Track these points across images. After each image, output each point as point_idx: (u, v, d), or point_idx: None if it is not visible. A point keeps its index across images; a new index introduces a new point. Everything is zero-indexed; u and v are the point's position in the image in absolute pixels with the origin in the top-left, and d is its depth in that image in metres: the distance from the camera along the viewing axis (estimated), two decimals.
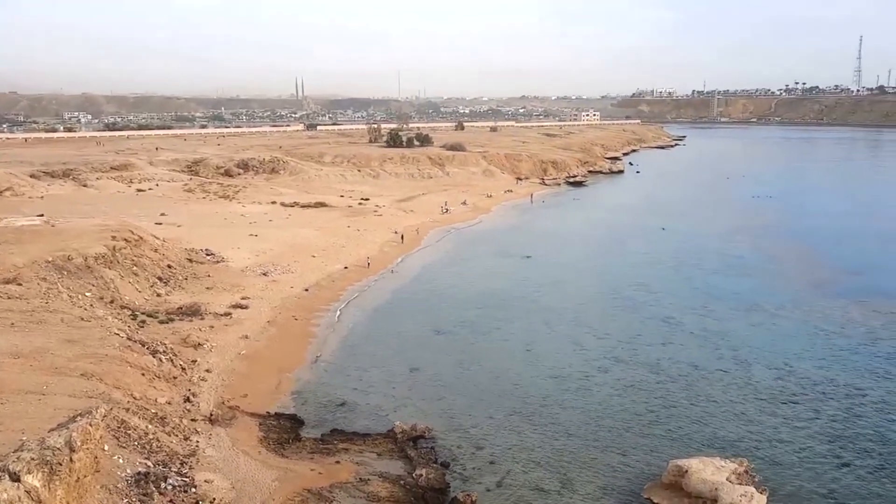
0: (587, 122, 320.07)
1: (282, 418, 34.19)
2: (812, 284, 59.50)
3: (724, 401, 36.90)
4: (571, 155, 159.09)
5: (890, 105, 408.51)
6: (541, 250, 73.89)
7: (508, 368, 41.71)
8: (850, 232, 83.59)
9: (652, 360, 42.76)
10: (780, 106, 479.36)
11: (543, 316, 51.68)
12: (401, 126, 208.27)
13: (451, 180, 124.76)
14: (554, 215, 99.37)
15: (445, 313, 52.45)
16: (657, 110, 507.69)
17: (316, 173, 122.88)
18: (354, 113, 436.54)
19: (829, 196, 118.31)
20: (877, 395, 37.42)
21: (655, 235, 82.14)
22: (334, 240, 72.18)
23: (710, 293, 57.32)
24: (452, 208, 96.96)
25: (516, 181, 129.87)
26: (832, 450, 31.67)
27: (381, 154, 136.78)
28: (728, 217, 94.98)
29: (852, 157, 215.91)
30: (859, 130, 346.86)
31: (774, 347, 44.53)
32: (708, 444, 32.03)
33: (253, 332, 45.29)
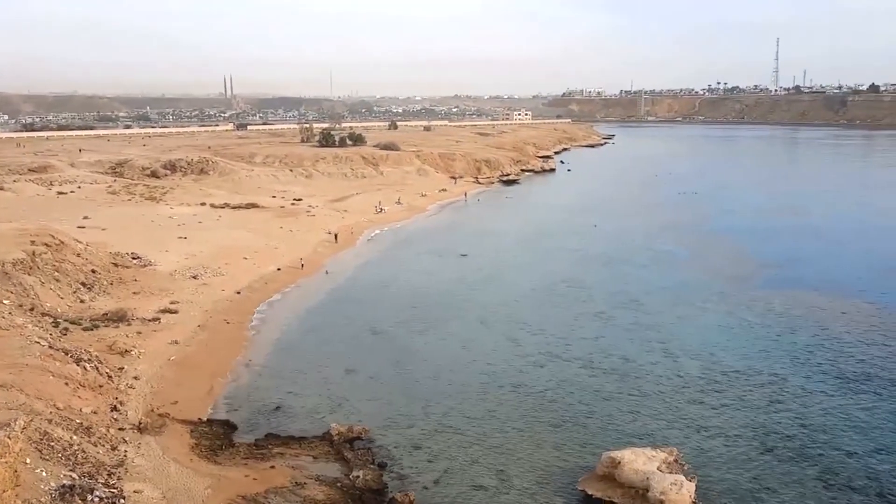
0: (519, 121, 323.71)
1: (214, 424, 33.42)
2: (736, 278, 61.62)
3: (655, 392, 37.88)
4: (504, 154, 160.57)
5: (805, 104, 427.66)
6: (476, 249, 74.36)
7: (445, 367, 41.81)
8: (771, 226, 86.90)
9: (585, 354, 43.55)
10: (703, 105, 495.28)
11: (479, 314, 52.02)
12: (333, 125, 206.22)
13: (385, 180, 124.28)
14: (488, 214, 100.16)
15: (381, 313, 52.22)
16: (587, 109, 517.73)
17: (247, 174, 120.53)
18: (286, 112, 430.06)
19: (750, 192, 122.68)
20: (797, 382, 39.02)
21: (587, 232, 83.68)
22: (267, 241, 70.98)
23: (641, 288, 58.74)
24: (387, 208, 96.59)
25: (450, 180, 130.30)
26: (756, 436, 32.87)
27: (313, 154, 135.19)
28: (656, 213, 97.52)
29: (771, 154, 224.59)
30: (777, 128, 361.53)
31: (701, 339, 45.97)
32: (640, 435, 32.81)
33: (183, 336, 44.11)
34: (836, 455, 31.06)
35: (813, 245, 75.51)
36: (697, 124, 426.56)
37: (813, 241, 77.68)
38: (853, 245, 75.52)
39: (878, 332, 46.91)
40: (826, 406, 35.99)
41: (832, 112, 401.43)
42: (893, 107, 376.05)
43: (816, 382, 38.94)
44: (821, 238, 79.11)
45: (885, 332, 46.86)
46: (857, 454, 31.12)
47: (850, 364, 41.51)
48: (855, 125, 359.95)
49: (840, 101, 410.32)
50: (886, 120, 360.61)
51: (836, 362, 41.80)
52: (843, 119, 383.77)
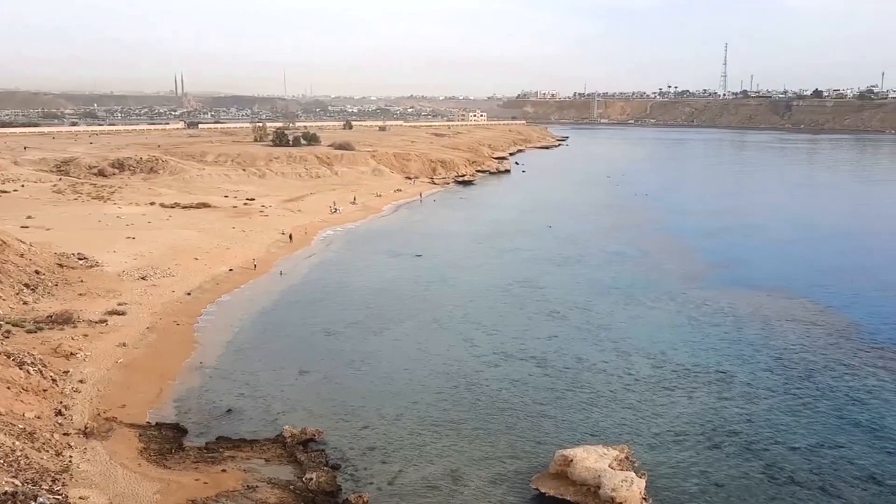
0: (474, 122, 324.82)
1: (163, 428, 32.79)
2: (685, 277, 62.89)
3: (607, 391, 38.44)
4: (460, 154, 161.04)
5: (752, 108, 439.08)
6: (431, 249, 74.42)
7: (400, 367, 41.75)
8: (719, 227, 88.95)
9: (539, 353, 43.95)
10: (655, 108, 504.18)
11: (434, 314, 52.07)
12: (287, 125, 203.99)
13: (339, 180, 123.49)
14: (443, 214, 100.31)
15: (335, 314, 51.88)
16: (541, 111, 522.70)
17: (198, 173, 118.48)
18: (239, 111, 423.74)
19: (699, 194, 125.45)
20: (743, 379, 40.03)
21: (542, 233, 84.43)
22: (218, 241, 69.87)
23: (593, 288, 59.54)
24: (342, 208, 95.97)
25: (406, 180, 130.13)
26: (704, 432, 33.61)
27: (266, 153, 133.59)
28: (609, 214, 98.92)
29: (720, 157, 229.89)
30: (726, 131, 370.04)
31: (652, 338, 46.80)
32: (592, 432, 33.26)
33: (131, 339, 43.16)
34: (779, 450, 31.94)
35: (759, 245, 77.53)
36: (649, 127, 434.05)
37: (760, 241, 79.75)
38: (798, 245, 77.79)
39: (820, 330, 48.40)
40: (770, 402, 36.99)
41: (778, 116, 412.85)
42: (836, 112, 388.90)
43: (761, 379, 40.00)
44: (767, 238, 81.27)
45: (826, 330, 48.38)
46: (799, 449, 32.05)
47: (793, 361, 42.72)
48: (800, 129, 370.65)
49: (785, 106, 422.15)
50: (829, 124, 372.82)
51: (780, 360, 43.00)
52: (788, 123, 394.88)
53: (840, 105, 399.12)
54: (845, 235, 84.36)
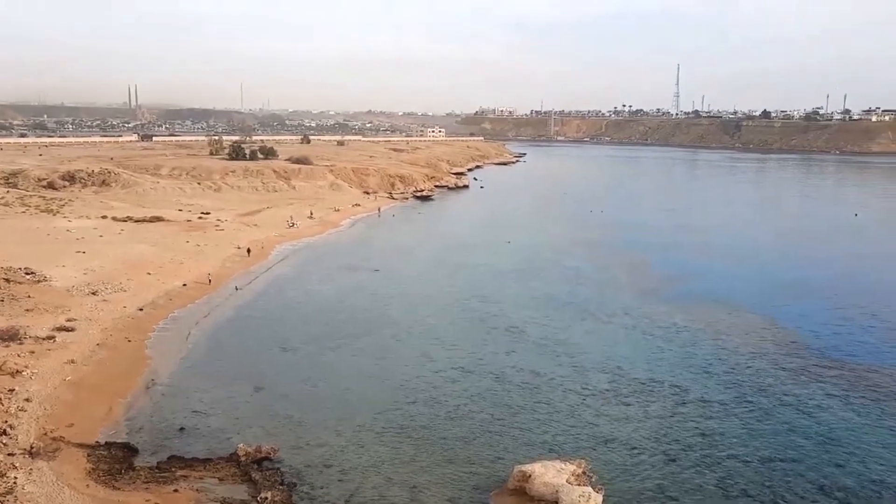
0: (433, 137, 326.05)
1: (113, 447, 31.88)
2: (640, 292, 63.80)
3: (564, 405, 38.67)
4: (418, 170, 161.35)
5: (704, 128, 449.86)
6: (389, 264, 74.20)
7: (357, 383, 41.40)
8: (673, 243, 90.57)
9: (497, 369, 44.03)
10: (610, 126, 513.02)
11: (392, 329, 51.83)
12: (244, 138, 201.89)
13: (297, 194, 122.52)
14: (402, 229, 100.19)
15: (292, 329, 51.29)
16: (499, 128, 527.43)
17: (152, 186, 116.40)
18: (194, 124, 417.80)
19: (653, 210, 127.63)
20: (697, 393, 40.68)
21: (500, 248, 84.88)
22: (172, 256, 68.60)
23: (551, 303, 60.01)
24: (299, 222, 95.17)
25: (364, 195, 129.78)
26: (660, 446, 34.01)
27: (222, 167, 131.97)
28: (567, 230, 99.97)
29: (673, 175, 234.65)
30: (678, 150, 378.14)
31: (608, 352, 47.30)
32: (550, 448, 33.38)
33: (80, 356, 41.97)
34: (733, 463, 32.47)
35: (712, 261, 79.11)
36: (604, 144, 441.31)
37: (712, 257, 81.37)
38: (748, 261, 79.55)
39: (770, 344, 49.53)
40: (723, 416, 37.64)
41: (728, 136, 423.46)
42: (783, 132, 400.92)
43: (714, 393, 40.70)
44: (719, 255, 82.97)
45: (776, 344, 49.53)
46: (752, 462, 32.63)
47: (745, 375, 43.60)
48: (749, 149, 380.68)
49: (735, 126, 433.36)
50: (777, 144, 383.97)
51: (733, 373, 43.84)
52: (738, 143, 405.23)
53: (787, 126, 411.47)
54: (794, 251, 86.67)
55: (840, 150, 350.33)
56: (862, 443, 34.69)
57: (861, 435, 35.56)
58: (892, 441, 34.94)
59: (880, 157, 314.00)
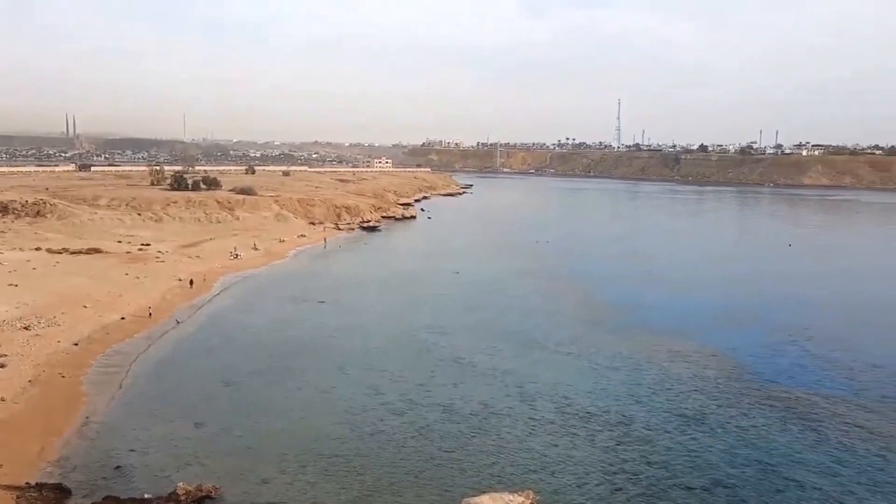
0: (380, 168, 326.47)
1: (44, 489, 30.44)
2: (587, 322, 64.57)
3: (512, 436, 38.63)
4: (365, 201, 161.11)
5: (645, 160, 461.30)
6: (335, 295, 73.50)
7: (302, 417, 40.64)
8: (618, 274, 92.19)
9: (445, 400, 43.81)
10: (554, 159, 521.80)
11: (338, 361, 51.18)
12: (186, 168, 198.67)
13: (241, 225, 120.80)
14: (348, 260, 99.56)
15: (235, 363, 50.16)
16: (446, 159, 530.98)
17: (89, 217, 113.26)
18: (135, 154, 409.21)
19: (598, 241, 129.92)
20: (642, 421, 41.14)
21: (448, 279, 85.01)
22: (110, 288, 66.63)
23: (498, 333, 60.19)
24: (243, 253, 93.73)
25: (310, 226, 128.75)
26: (606, 475, 34.19)
27: (164, 197, 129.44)
28: (513, 260, 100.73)
29: (616, 206, 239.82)
30: (621, 182, 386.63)
31: (555, 382, 47.53)
32: (498, 479, 33.20)
33: (10, 393, 40.18)
34: (677, 491, 32.82)
35: (656, 291, 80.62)
36: (549, 176, 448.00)
37: (656, 287, 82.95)
38: (690, 291, 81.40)
39: (711, 372, 50.52)
40: (668, 444, 38.10)
41: (668, 169, 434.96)
42: (720, 165, 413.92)
43: (659, 421, 41.21)
44: (663, 284, 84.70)
45: (716, 372, 50.55)
46: (695, 489, 33.05)
47: (687, 403, 44.31)
48: (688, 181, 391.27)
49: (674, 159, 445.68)
50: (714, 177, 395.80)
51: (676, 401, 44.53)
52: (677, 175, 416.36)
53: (723, 159, 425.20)
54: (733, 281, 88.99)
55: (773, 182, 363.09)
56: (800, 468, 35.49)
57: (799, 460, 36.39)
58: (827, 465, 35.86)
59: (810, 190, 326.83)
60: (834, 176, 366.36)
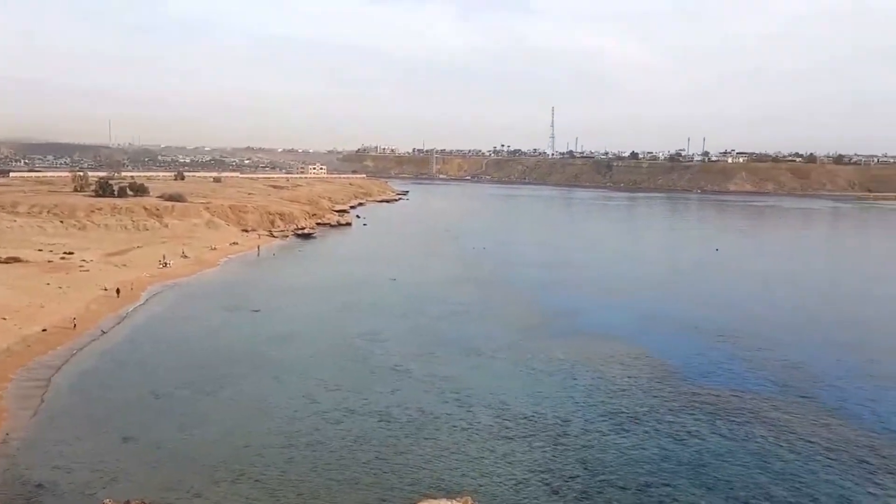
0: (314, 174, 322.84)
1: None
2: (523, 328, 65.15)
3: (450, 442, 38.57)
4: (299, 207, 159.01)
5: (578, 167, 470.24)
6: (269, 304, 72.17)
7: (236, 428, 39.66)
8: (553, 279, 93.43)
9: (382, 408, 43.46)
10: (490, 165, 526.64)
11: (273, 371, 50.21)
12: (112, 174, 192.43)
13: (170, 232, 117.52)
14: (283, 268, 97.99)
15: (165, 375, 48.63)
16: (381, 166, 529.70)
17: (8, 225, 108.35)
18: (56, 159, 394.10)
19: (534, 247, 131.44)
20: (578, 424, 41.70)
21: (385, 286, 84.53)
22: (31, 299, 63.75)
23: (435, 340, 60.15)
24: (172, 262, 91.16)
25: (243, 233, 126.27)
26: (544, 479, 34.48)
27: (88, 204, 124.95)
28: (450, 267, 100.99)
29: (551, 212, 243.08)
30: (555, 188, 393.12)
31: (492, 388, 47.76)
32: (436, 485, 33.07)
33: None
34: (613, 492, 33.35)
35: (590, 296, 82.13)
36: (485, 183, 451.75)
37: (590, 292, 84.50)
38: (623, 295, 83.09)
39: (644, 374, 51.67)
40: (603, 445, 38.73)
41: (601, 175, 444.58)
42: (650, 172, 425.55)
43: (594, 423, 41.87)
44: (596, 289, 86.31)
45: (649, 375, 51.73)
46: (629, 489, 33.66)
47: (621, 405, 45.15)
48: (619, 187, 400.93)
49: (607, 166, 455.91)
50: (645, 184, 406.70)
51: (610, 403, 45.32)
52: (609, 182, 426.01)
53: (654, 166, 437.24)
54: (664, 285, 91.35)
55: (701, 189, 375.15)
56: (728, 465, 36.59)
57: (727, 458, 37.52)
58: (754, 462, 37.07)
59: (736, 196, 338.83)
60: (757, 182, 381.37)
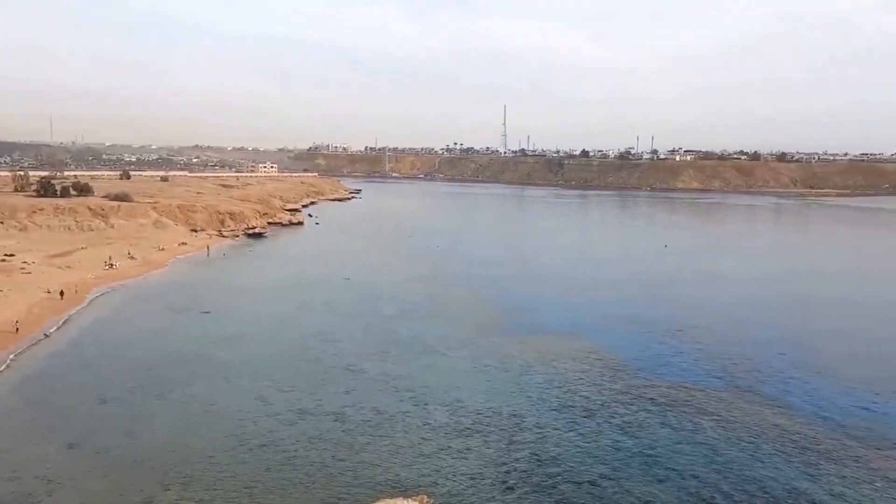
0: (265, 173, 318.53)
1: None
2: (477, 325, 65.34)
3: (406, 441, 38.48)
4: (250, 206, 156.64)
5: (530, 166, 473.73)
6: (220, 305, 70.94)
7: (186, 432, 38.89)
8: (506, 277, 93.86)
9: (336, 408, 43.13)
10: (443, 164, 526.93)
11: (224, 373, 49.38)
12: (54, 174, 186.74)
13: (116, 233, 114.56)
14: (234, 268, 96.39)
15: (112, 378, 47.40)
16: (333, 164, 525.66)
17: None
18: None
19: (487, 246, 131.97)
20: (532, 420, 42.03)
21: (338, 285, 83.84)
22: None
23: (390, 339, 59.92)
24: (119, 263, 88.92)
25: (192, 233, 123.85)
26: (499, 475, 34.67)
27: (29, 204, 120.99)
28: (404, 266, 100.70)
29: (504, 211, 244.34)
30: (508, 187, 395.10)
31: (447, 385, 47.82)
32: (392, 484, 32.97)
33: None
34: (567, 486, 33.73)
35: (543, 293, 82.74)
36: (438, 181, 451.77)
37: (543, 289, 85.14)
38: (575, 292, 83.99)
39: (595, 369, 52.33)
40: (557, 440, 39.13)
41: (552, 174, 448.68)
42: (601, 170, 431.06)
43: (548, 419, 42.27)
44: (549, 286, 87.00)
45: (601, 370, 52.43)
46: (583, 483, 34.11)
47: (575, 400, 45.69)
48: (571, 185, 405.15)
49: (558, 164, 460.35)
50: (595, 181, 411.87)
51: (564, 399, 45.82)
52: (561, 180, 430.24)
53: (604, 165, 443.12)
54: (614, 281, 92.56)
55: (650, 186, 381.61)
56: (677, 457, 37.36)
57: (676, 450, 38.28)
58: (703, 453, 37.92)
59: (683, 193, 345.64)
60: (704, 180, 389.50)
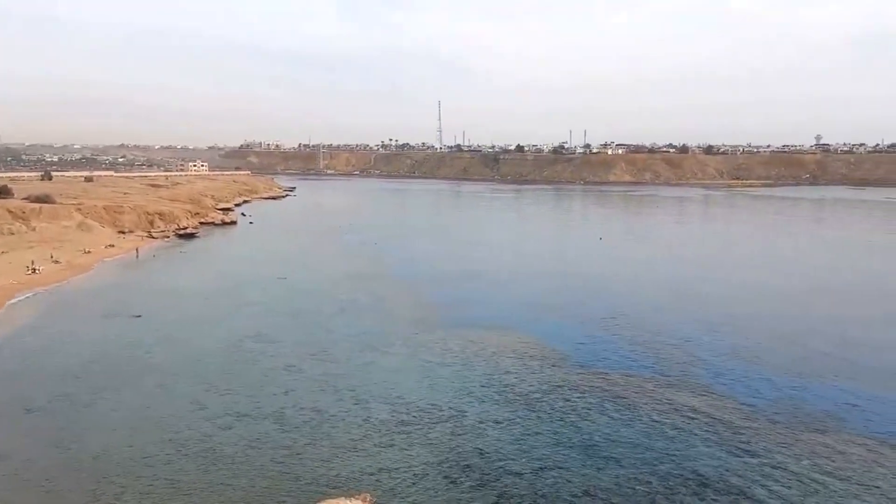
0: (195, 172, 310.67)
1: None
2: (417, 321, 65.23)
3: (347, 440, 38.13)
4: (180, 206, 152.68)
5: (467, 161, 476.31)
6: (152, 308, 68.87)
7: (118, 440, 37.59)
8: (444, 272, 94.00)
9: (276, 410, 42.41)
10: (378, 160, 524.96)
11: (157, 378, 47.95)
12: None
13: (38, 236, 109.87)
14: (164, 270, 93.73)
15: (37, 387, 45.46)
16: (266, 162, 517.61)
17: None
18: None
19: (424, 241, 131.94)
20: (474, 414, 42.21)
21: (274, 285, 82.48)
22: None
23: (328, 338, 59.27)
24: (42, 267, 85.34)
25: (119, 235, 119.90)
26: (441, 470, 34.68)
27: None
28: (341, 264, 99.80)
29: (440, 206, 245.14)
30: (444, 182, 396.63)
31: (387, 382, 47.59)
32: (333, 485, 32.62)
33: None
34: (509, 478, 33.99)
35: (481, 288, 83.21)
36: (374, 178, 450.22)
37: (480, 284, 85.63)
38: (512, 286, 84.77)
39: (535, 361, 52.91)
40: (498, 433, 39.38)
41: (488, 168, 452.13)
42: (536, 165, 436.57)
43: (489, 412, 42.51)
44: (487, 281, 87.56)
45: (541, 362, 53.05)
46: (524, 474, 34.42)
47: (515, 393, 46.06)
48: (507, 180, 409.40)
49: (494, 159, 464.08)
50: (530, 176, 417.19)
51: (505, 392, 46.13)
52: (497, 175, 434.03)
53: (539, 159, 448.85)
54: (551, 274, 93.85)
55: (584, 180, 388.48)
56: (617, 444, 38.10)
57: (616, 438, 39.02)
58: (641, 441, 38.75)
59: (616, 186, 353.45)
60: (635, 173, 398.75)
